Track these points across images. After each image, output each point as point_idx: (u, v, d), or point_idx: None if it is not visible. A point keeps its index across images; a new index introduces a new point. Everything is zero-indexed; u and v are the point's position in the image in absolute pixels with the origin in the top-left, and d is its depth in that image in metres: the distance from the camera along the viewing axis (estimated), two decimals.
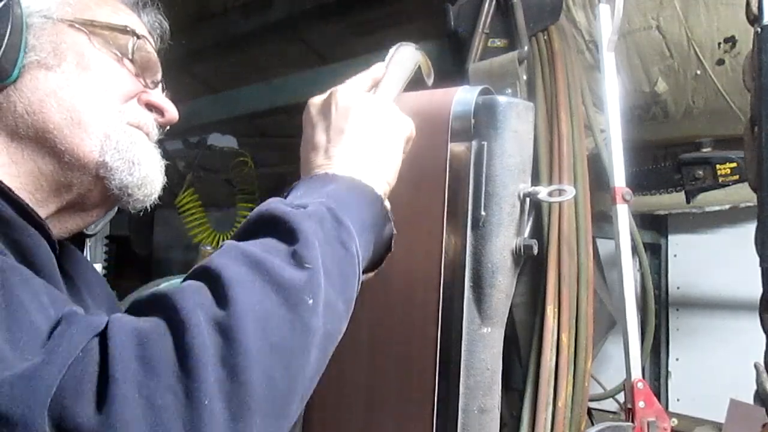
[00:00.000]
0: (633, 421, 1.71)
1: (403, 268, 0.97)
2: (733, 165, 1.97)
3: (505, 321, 1.02)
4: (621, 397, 2.04)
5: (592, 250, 1.88)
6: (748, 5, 1.35)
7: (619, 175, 1.82)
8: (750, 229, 1.35)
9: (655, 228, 2.81)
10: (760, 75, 1.32)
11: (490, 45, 1.94)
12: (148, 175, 0.81)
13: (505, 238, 0.98)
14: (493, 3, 1.94)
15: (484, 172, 0.96)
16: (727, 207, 2.43)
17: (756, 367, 1.32)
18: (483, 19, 1.94)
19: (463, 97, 0.98)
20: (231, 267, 0.60)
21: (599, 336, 2.20)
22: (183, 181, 3.49)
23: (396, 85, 0.92)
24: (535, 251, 0.99)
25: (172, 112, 0.88)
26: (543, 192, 0.99)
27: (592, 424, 1.80)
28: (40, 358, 0.54)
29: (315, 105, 0.85)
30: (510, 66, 1.83)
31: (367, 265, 0.78)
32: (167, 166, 0.85)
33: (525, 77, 1.88)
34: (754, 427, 1.52)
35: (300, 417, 0.90)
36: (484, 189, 0.96)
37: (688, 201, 2.11)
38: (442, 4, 2.03)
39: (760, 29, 1.33)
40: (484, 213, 0.96)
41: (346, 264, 0.69)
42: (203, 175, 3.62)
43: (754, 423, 1.52)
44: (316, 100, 0.86)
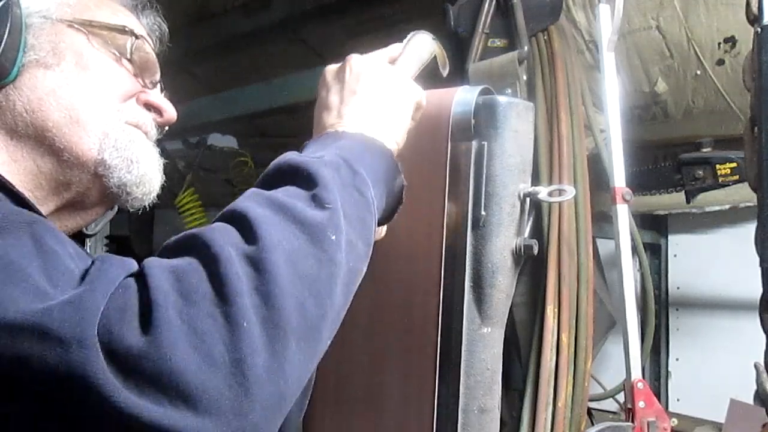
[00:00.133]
0: (633, 421, 1.71)
1: (403, 268, 0.98)
2: (733, 165, 1.97)
3: (505, 321, 1.02)
4: (621, 397, 2.04)
5: (592, 250, 1.88)
6: (748, 5, 1.35)
7: (619, 175, 1.82)
8: (750, 229, 1.35)
9: (655, 228, 2.81)
10: (760, 75, 1.32)
11: (490, 45, 1.94)
12: (146, 173, 0.82)
13: (505, 238, 0.98)
14: (493, 3, 1.94)
15: (484, 172, 0.96)
16: (727, 207, 2.43)
17: (756, 367, 1.33)
18: (483, 19, 1.94)
19: (463, 97, 0.98)
20: (256, 209, 0.63)
21: (599, 336, 2.20)
22: (183, 181, 3.49)
23: (411, 66, 0.93)
24: (535, 251, 0.99)
25: (171, 112, 0.89)
26: (543, 192, 0.99)
27: (592, 424, 1.80)
28: (83, 288, 0.57)
29: (330, 71, 0.88)
30: (510, 66, 1.83)
31: (382, 215, 0.81)
32: (167, 165, 0.86)
33: (525, 77, 1.88)
34: (754, 427, 1.52)
35: (299, 416, 0.90)
36: (484, 189, 0.96)
37: (688, 201, 2.11)
38: (442, 4, 2.03)
39: (760, 29, 1.33)
40: (484, 213, 0.96)
41: (363, 208, 0.72)
42: (203, 175, 3.62)
43: (754, 423, 1.52)
44: (332, 67, 0.89)
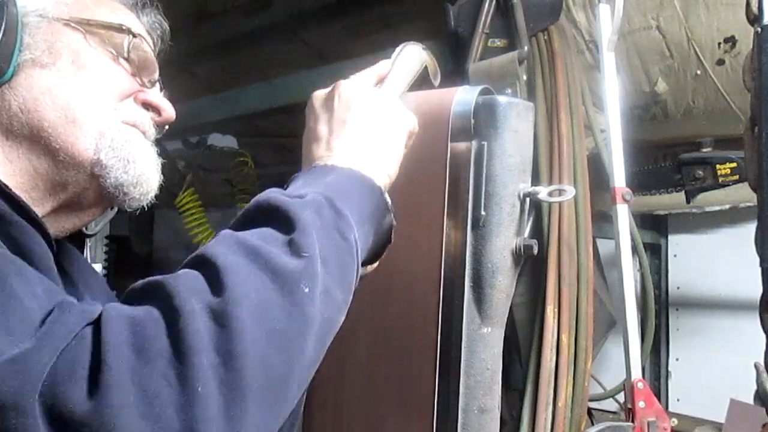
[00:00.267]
0: (633, 421, 1.71)
1: (404, 268, 0.97)
2: (733, 165, 1.97)
3: (505, 321, 1.02)
4: (621, 397, 2.04)
5: (592, 250, 1.88)
6: (748, 5, 1.35)
7: (619, 175, 1.82)
8: (750, 229, 1.35)
9: (655, 228, 2.81)
10: (760, 75, 1.32)
11: (490, 45, 1.94)
12: (143, 173, 0.81)
13: (505, 238, 0.98)
14: (493, 3, 1.94)
15: (484, 171, 0.96)
16: (727, 207, 2.43)
17: (756, 367, 1.32)
18: (483, 19, 1.94)
19: (463, 96, 0.98)
20: (226, 255, 0.60)
21: (599, 336, 2.20)
22: (183, 181, 3.49)
23: (401, 82, 0.91)
24: (535, 251, 0.99)
25: (169, 111, 0.87)
26: (543, 192, 0.99)
27: (592, 424, 1.80)
28: (32, 344, 0.53)
29: (318, 97, 0.85)
30: (510, 66, 1.83)
31: (367, 256, 0.78)
32: (167, 165, 0.85)
33: (525, 77, 1.88)
34: (754, 427, 1.52)
35: (300, 416, 0.89)
36: (484, 189, 0.96)
37: (688, 201, 2.11)
38: (442, 4, 2.03)
39: (760, 29, 1.33)
40: (484, 213, 0.96)
41: (344, 253, 0.69)
42: (203, 175, 3.62)
43: (754, 423, 1.52)
44: (320, 93, 0.85)
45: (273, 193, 0.70)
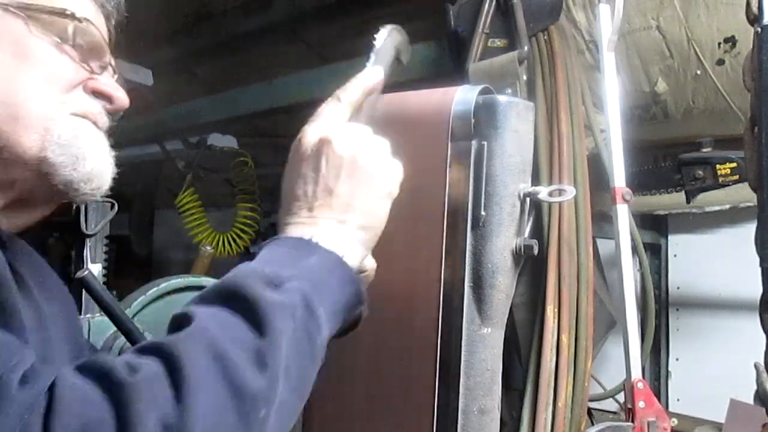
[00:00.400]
0: (633, 421, 1.71)
1: (404, 268, 0.97)
2: (733, 165, 1.97)
3: (505, 321, 1.02)
4: (621, 397, 2.04)
5: (592, 250, 1.88)
6: (748, 5, 1.35)
7: (619, 175, 1.82)
8: (750, 229, 1.35)
9: (655, 228, 2.81)
10: (760, 75, 1.32)
11: (490, 45, 1.94)
12: (94, 168, 0.77)
13: (506, 238, 0.97)
14: (493, 3, 1.94)
15: (485, 171, 0.96)
16: (727, 207, 2.43)
17: (756, 367, 1.32)
18: (483, 19, 1.94)
19: (463, 96, 0.98)
20: (194, 359, 0.59)
21: (599, 336, 2.20)
22: (183, 181, 3.50)
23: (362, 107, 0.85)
24: (536, 251, 0.99)
25: (122, 98, 0.82)
26: (543, 192, 0.99)
27: (592, 424, 1.80)
28: None
29: (306, 145, 0.79)
30: (510, 66, 1.83)
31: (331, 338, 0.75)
32: (167, 165, 0.84)
33: (525, 77, 1.88)
34: (754, 427, 1.52)
35: (300, 415, 0.89)
36: (484, 189, 0.96)
37: (688, 201, 2.11)
38: (442, 4, 2.03)
39: (760, 29, 1.33)
40: (484, 213, 0.96)
41: (308, 359, 0.67)
42: (203, 175, 3.63)
43: (754, 423, 1.52)
44: (310, 137, 0.79)
45: (251, 279, 0.66)
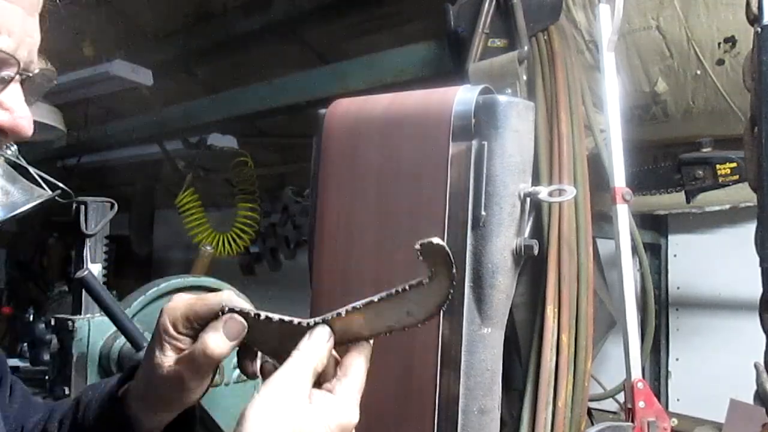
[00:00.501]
0: (633, 421, 1.71)
1: (404, 268, 0.97)
2: (733, 165, 1.97)
3: (506, 321, 1.01)
4: (621, 397, 2.04)
5: (592, 250, 1.88)
6: (748, 5, 1.35)
7: (619, 175, 1.82)
8: (750, 229, 1.35)
9: (655, 228, 2.81)
10: (760, 75, 1.32)
11: (490, 45, 1.94)
12: None
13: (506, 238, 0.97)
14: (493, 3, 1.94)
15: (485, 171, 0.96)
16: (727, 207, 2.43)
17: (756, 367, 1.32)
18: (483, 19, 1.94)
19: (463, 96, 0.98)
20: None
21: (599, 336, 2.20)
22: (183, 181, 3.50)
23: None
24: (536, 251, 0.99)
25: (21, 125, 0.65)
26: (543, 192, 0.99)
27: (592, 424, 1.80)
28: None
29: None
30: (510, 66, 1.83)
31: None
32: (167, 165, 0.83)
33: (525, 77, 1.88)
34: (754, 427, 1.52)
35: None
36: (484, 189, 0.96)
37: (688, 201, 2.11)
38: (442, 4, 2.03)
39: (760, 29, 1.33)
40: (484, 213, 0.96)
41: None
42: (203, 175, 3.63)
43: (754, 423, 1.52)
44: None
45: None
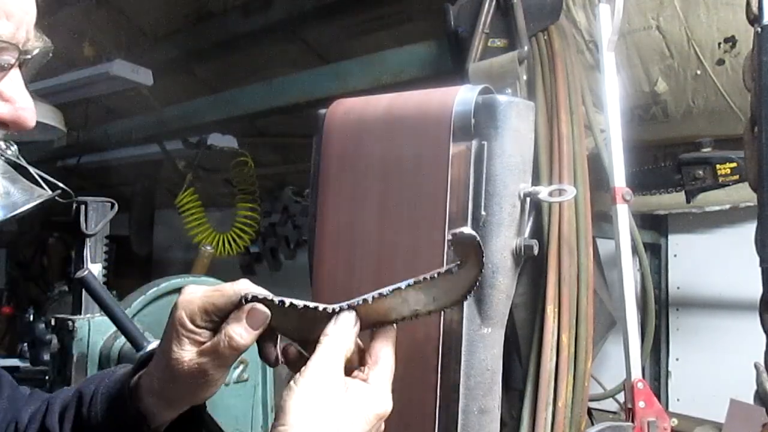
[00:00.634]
0: (633, 421, 1.71)
1: (405, 268, 0.97)
2: (733, 165, 1.97)
3: (506, 321, 1.01)
4: (621, 397, 2.04)
5: (592, 250, 1.88)
6: (748, 5, 1.35)
7: (619, 175, 1.82)
8: (750, 229, 1.35)
9: (655, 228, 2.81)
10: (760, 75, 1.32)
11: (490, 45, 1.94)
12: None
13: (506, 238, 0.97)
14: (493, 3, 1.94)
15: (485, 171, 0.96)
16: (727, 207, 2.43)
17: (756, 367, 1.33)
18: (483, 19, 1.94)
19: (463, 96, 0.98)
20: None
21: (599, 336, 2.20)
22: (183, 181, 3.50)
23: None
24: (536, 251, 0.99)
25: (23, 117, 0.67)
26: (543, 192, 0.99)
27: (592, 424, 1.80)
28: None
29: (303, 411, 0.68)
30: (510, 66, 1.83)
31: None
32: (167, 165, 0.82)
33: (525, 77, 1.88)
34: (754, 427, 1.52)
35: None
36: (484, 189, 0.96)
37: (688, 201, 2.11)
38: (442, 4, 2.03)
39: (760, 29, 1.33)
40: (484, 213, 0.96)
41: None
42: (203, 175, 3.63)
43: (754, 423, 1.52)
44: (304, 409, 0.68)
45: None
